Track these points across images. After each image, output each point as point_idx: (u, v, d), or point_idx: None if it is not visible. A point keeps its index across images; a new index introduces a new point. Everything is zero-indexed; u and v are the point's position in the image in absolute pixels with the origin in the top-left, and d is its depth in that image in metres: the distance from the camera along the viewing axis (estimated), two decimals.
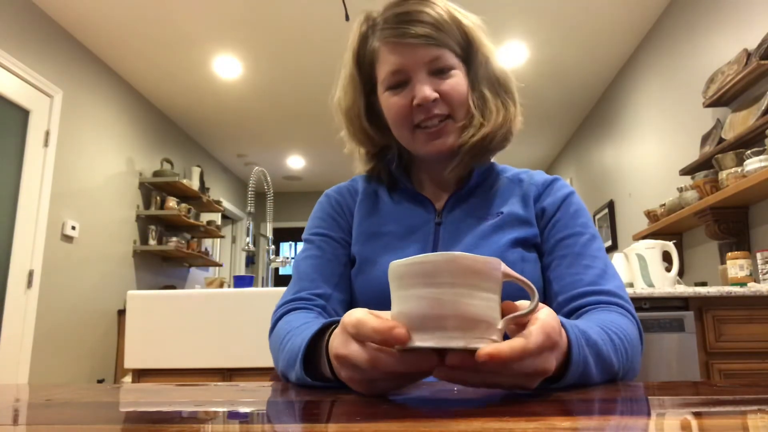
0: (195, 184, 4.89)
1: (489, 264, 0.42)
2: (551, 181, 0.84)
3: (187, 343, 1.72)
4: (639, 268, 2.10)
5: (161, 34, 3.54)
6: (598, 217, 4.58)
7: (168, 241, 4.51)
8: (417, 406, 0.43)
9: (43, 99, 3.24)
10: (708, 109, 2.74)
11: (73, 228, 3.47)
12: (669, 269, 2.09)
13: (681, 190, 2.73)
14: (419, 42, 0.75)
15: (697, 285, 2.19)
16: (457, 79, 0.78)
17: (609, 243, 4.26)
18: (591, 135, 4.81)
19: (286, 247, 8.23)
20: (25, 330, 3.06)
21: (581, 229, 0.77)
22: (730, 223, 2.46)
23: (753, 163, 2.12)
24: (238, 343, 1.70)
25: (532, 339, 0.41)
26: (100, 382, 3.76)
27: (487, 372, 0.42)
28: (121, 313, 4.03)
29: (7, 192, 2.97)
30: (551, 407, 0.40)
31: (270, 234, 2.37)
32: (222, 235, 5.60)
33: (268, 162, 6.17)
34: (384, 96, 0.80)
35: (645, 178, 3.62)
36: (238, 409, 0.44)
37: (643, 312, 1.84)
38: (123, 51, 3.75)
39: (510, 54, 3.76)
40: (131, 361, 1.72)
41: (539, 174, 0.86)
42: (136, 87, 4.31)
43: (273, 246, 2.39)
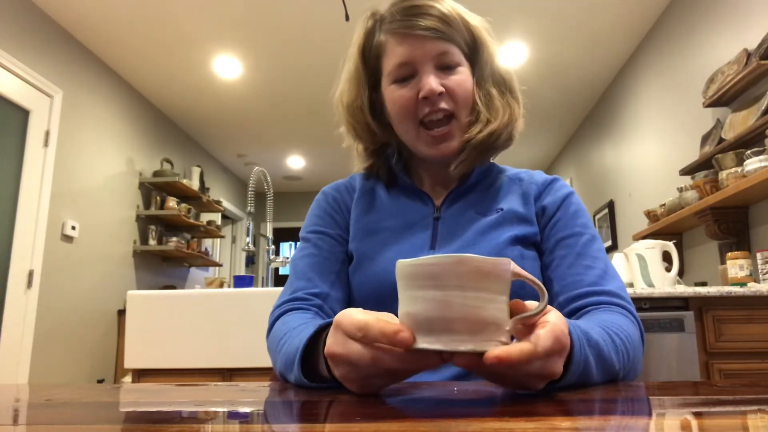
0: (195, 184, 4.89)
1: (498, 265, 0.41)
2: (551, 180, 0.84)
3: (187, 343, 1.72)
4: (639, 268, 2.10)
5: (161, 34, 3.54)
6: (598, 217, 4.58)
7: (168, 241, 4.51)
8: (417, 406, 0.43)
9: (43, 99, 3.24)
10: (708, 109, 2.74)
11: (73, 228, 3.47)
12: (669, 269, 2.09)
13: (681, 190, 2.73)
14: (428, 34, 0.75)
15: (697, 285, 2.19)
16: (464, 76, 0.78)
17: (609, 243, 4.26)
18: (591, 135, 4.81)
19: (286, 247, 8.24)
20: (25, 330, 3.06)
21: (581, 230, 0.77)
22: (730, 223, 2.46)
23: (753, 163, 2.12)
24: (238, 343, 1.70)
25: (541, 343, 0.41)
26: (100, 382, 3.76)
27: (494, 374, 0.43)
28: (121, 313, 4.03)
29: (7, 192, 2.97)
30: (551, 407, 0.40)
31: (270, 234, 2.37)
32: (222, 235, 5.60)
33: (268, 162, 6.17)
34: (389, 89, 0.79)
35: (645, 178, 3.62)
36: (238, 409, 0.44)
37: (643, 312, 1.84)
38: (123, 51, 3.75)
39: (510, 54, 3.76)
40: (131, 361, 1.72)
41: (539, 174, 0.86)
42: (136, 87, 4.31)
43: (273, 246, 2.39)
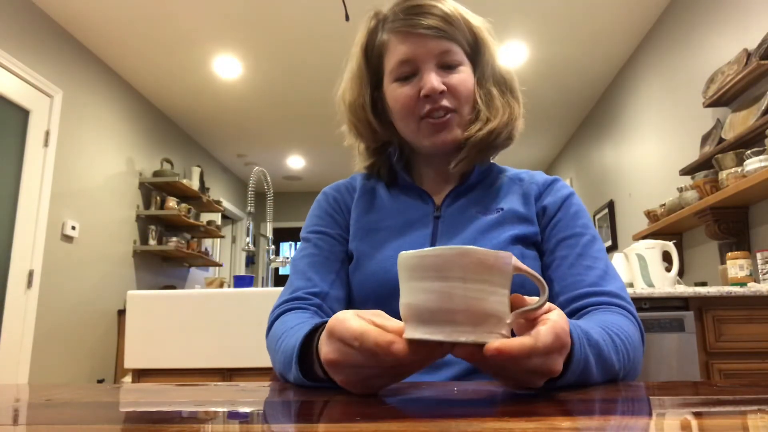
0: (195, 184, 4.89)
1: (500, 258, 0.42)
2: (552, 181, 0.84)
3: (187, 343, 1.72)
4: (639, 268, 2.10)
5: (161, 34, 3.54)
6: (598, 217, 4.58)
7: (168, 241, 4.51)
8: (417, 406, 0.43)
9: (43, 99, 3.24)
10: (708, 109, 2.74)
11: (73, 228, 3.47)
12: (669, 269, 2.09)
13: (681, 190, 2.73)
14: (430, 33, 0.75)
15: (697, 285, 2.19)
16: (465, 75, 0.78)
17: (609, 243, 4.26)
18: (591, 135, 4.81)
19: (286, 247, 8.24)
20: (25, 330, 3.06)
21: (582, 230, 0.77)
22: (730, 223, 2.46)
23: (753, 163, 2.12)
24: (238, 343, 1.70)
25: (542, 339, 0.41)
26: (100, 382, 3.76)
27: (494, 367, 0.43)
28: (121, 313, 4.03)
29: (7, 192, 2.97)
30: (551, 407, 0.40)
31: (270, 234, 2.37)
32: (222, 235, 5.60)
33: (268, 162, 6.17)
34: (391, 87, 0.80)
35: (645, 178, 3.62)
36: (238, 409, 0.44)
37: (643, 312, 1.84)
38: (123, 51, 3.75)
39: (510, 54, 3.76)
40: (131, 361, 1.72)
41: (540, 174, 0.86)
42: (136, 87, 4.31)
43: (273, 246, 2.39)
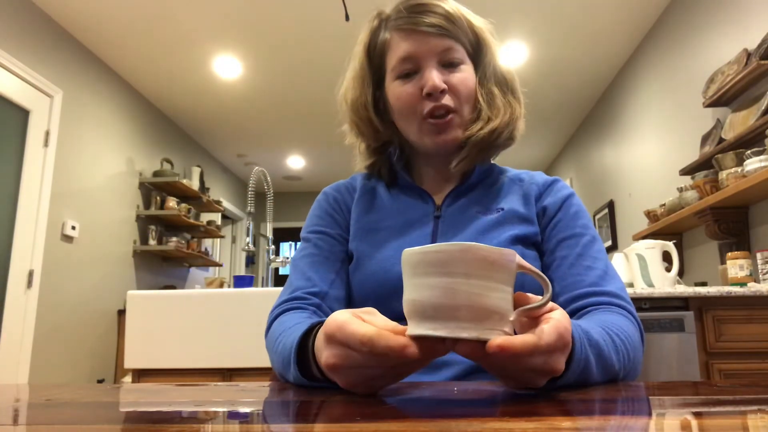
0: (195, 184, 4.89)
1: (504, 255, 0.42)
2: (552, 181, 0.84)
3: (187, 343, 1.72)
4: (639, 268, 2.10)
5: (161, 34, 3.54)
6: (598, 217, 4.58)
7: (168, 241, 4.51)
8: (417, 406, 0.43)
9: (43, 99, 3.24)
10: (708, 109, 2.74)
11: (73, 228, 3.47)
12: (669, 269, 2.09)
13: (681, 190, 2.73)
14: (432, 31, 0.76)
15: (697, 285, 2.19)
16: (466, 74, 0.79)
17: (609, 243, 4.26)
18: (591, 135, 4.81)
19: (286, 247, 8.24)
20: (25, 330, 3.06)
21: (582, 230, 0.77)
22: (730, 223, 2.46)
23: (753, 163, 2.12)
24: (238, 343, 1.70)
25: (545, 337, 0.41)
26: (100, 382, 3.76)
27: (496, 364, 0.43)
28: (121, 313, 4.03)
29: (7, 192, 2.97)
30: (551, 407, 0.40)
31: (270, 234, 2.37)
32: (222, 235, 5.60)
33: (268, 162, 6.17)
34: (393, 85, 0.80)
35: (645, 178, 3.62)
36: (238, 409, 0.44)
37: (643, 312, 1.84)
38: (123, 51, 3.75)
39: (510, 54, 3.76)
40: (131, 361, 1.72)
41: (540, 175, 0.86)
42: (136, 87, 4.31)
43: (273, 246, 2.39)
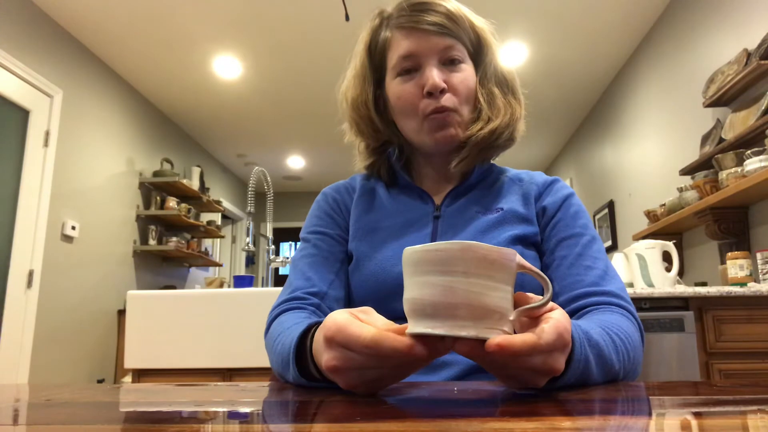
0: (195, 184, 4.89)
1: (504, 255, 0.42)
2: (551, 181, 0.84)
3: (187, 343, 1.72)
4: (639, 268, 2.10)
5: (161, 34, 3.54)
6: (598, 217, 4.58)
7: (168, 241, 4.51)
8: (417, 406, 0.43)
9: (43, 99, 3.24)
10: (708, 109, 2.74)
11: (73, 228, 3.47)
12: (669, 269, 2.09)
13: (681, 190, 2.73)
14: (433, 29, 0.76)
15: (697, 285, 2.19)
16: (467, 73, 0.79)
17: (609, 243, 4.26)
18: (591, 135, 4.81)
19: (286, 247, 8.24)
20: (25, 330, 3.06)
21: (582, 230, 0.77)
22: (730, 223, 2.46)
23: (753, 163, 2.12)
24: (238, 343, 1.70)
25: (545, 336, 0.41)
26: (100, 382, 3.76)
27: (495, 363, 0.43)
28: (121, 313, 4.03)
29: (7, 192, 2.97)
30: (551, 407, 0.40)
31: (270, 234, 2.37)
32: (222, 235, 5.60)
33: (268, 162, 6.17)
34: (393, 83, 0.80)
35: (645, 178, 3.62)
36: (238, 409, 0.44)
37: (643, 312, 1.84)
38: (123, 51, 3.75)
39: (510, 54, 3.76)
40: (131, 361, 1.72)
41: (539, 174, 0.86)
42: (136, 87, 4.31)
43: (273, 246, 2.39)
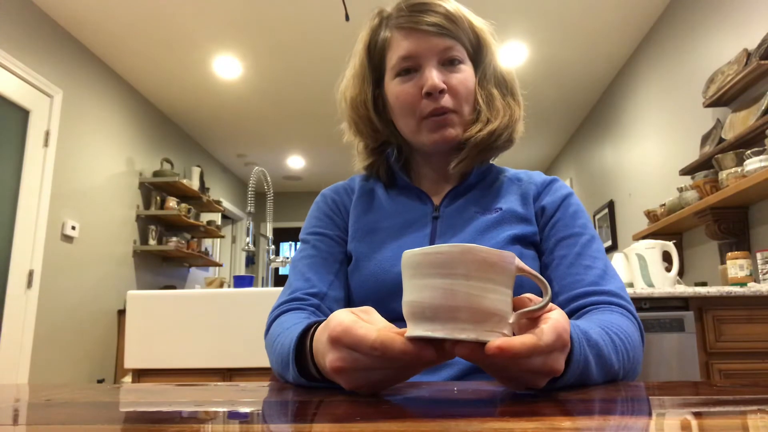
0: (195, 184, 4.89)
1: (504, 258, 0.42)
2: (550, 181, 0.84)
3: (187, 343, 1.72)
4: (639, 268, 2.10)
5: (161, 34, 3.54)
6: (598, 217, 4.58)
7: (168, 241, 4.51)
8: (417, 406, 0.43)
9: (43, 99, 3.24)
10: (708, 109, 2.74)
11: (73, 228, 3.47)
12: (669, 269, 2.09)
13: (681, 190, 2.73)
14: (433, 30, 0.76)
15: (697, 285, 2.19)
16: (466, 74, 0.79)
17: (609, 243, 4.26)
18: (591, 135, 4.81)
19: (286, 247, 8.24)
20: (25, 330, 3.06)
21: (581, 230, 0.77)
22: (730, 223, 2.46)
23: (753, 163, 2.12)
24: (238, 343, 1.70)
25: (544, 337, 0.41)
26: (100, 382, 3.76)
27: (495, 366, 0.43)
28: (121, 313, 4.03)
29: (7, 192, 2.97)
30: (551, 407, 0.40)
31: (270, 234, 2.37)
32: (222, 235, 5.60)
33: (268, 162, 6.17)
34: (393, 83, 0.80)
35: (645, 178, 3.62)
36: (238, 409, 0.44)
37: (643, 312, 1.84)
38: (123, 51, 3.75)
39: (510, 54, 3.76)
40: (131, 361, 1.72)
41: (538, 174, 0.86)
42: (136, 87, 4.31)
43: (273, 246, 2.39)
